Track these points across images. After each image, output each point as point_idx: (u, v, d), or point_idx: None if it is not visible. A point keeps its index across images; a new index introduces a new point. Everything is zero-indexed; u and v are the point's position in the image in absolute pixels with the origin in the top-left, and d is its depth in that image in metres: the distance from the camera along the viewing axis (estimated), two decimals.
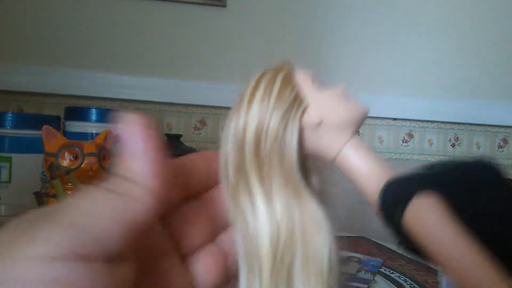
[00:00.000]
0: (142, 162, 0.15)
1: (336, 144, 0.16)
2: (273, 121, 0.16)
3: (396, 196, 0.15)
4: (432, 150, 1.27)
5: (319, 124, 0.16)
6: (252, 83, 0.17)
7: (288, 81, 0.17)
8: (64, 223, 0.13)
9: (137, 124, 0.15)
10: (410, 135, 1.26)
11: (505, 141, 1.30)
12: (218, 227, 0.18)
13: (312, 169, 0.18)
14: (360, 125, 0.17)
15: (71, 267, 0.12)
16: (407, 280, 0.59)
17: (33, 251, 0.12)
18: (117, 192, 0.15)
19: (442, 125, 1.27)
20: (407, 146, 1.25)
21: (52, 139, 0.60)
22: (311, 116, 0.17)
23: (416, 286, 0.57)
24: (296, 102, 0.17)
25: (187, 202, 0.18)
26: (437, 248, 0.14)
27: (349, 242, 0.74)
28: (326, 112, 0.16)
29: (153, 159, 0.15)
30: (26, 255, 0.12)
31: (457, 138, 1.28)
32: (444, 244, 0.14)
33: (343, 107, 0.17)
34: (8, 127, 0.76)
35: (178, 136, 0.84)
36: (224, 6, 1.12)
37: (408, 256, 0.67)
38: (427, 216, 0.14)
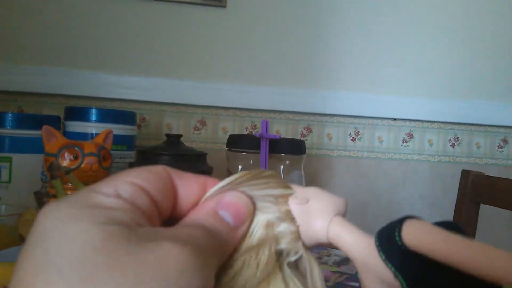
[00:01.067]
0: None
1: (323, 223, 0.20)
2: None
3: (388, 229, 0.17)
4: (432, 150, 1.27)
5: (306, 201, 0.20)
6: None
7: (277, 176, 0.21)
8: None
9: None
10: (410, 135, 1.26)
11: (505, 141, 1.30)
12: None
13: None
14: (343, 212, 0.20)
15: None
16: None
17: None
18: None
19: (442, 125, 1.27)
20: (407, 146, 1.25)
21: (52, 139, 0.60)
22: (298, 197, 0.20)
23: None
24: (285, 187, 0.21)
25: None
26: (446, 248, 0.15)
27: None
28: (311, 196, 0.20)
29: None
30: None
31: (457, 138, 1.28)
32: (450, 244, 0.15)
33: (324, 195, 0.21)
34: (8, 127, 0.76)
35: (178, 136, 0.84)
36: (224, 6, 1.12)
37: None
38: (422, 226, 0.16)
